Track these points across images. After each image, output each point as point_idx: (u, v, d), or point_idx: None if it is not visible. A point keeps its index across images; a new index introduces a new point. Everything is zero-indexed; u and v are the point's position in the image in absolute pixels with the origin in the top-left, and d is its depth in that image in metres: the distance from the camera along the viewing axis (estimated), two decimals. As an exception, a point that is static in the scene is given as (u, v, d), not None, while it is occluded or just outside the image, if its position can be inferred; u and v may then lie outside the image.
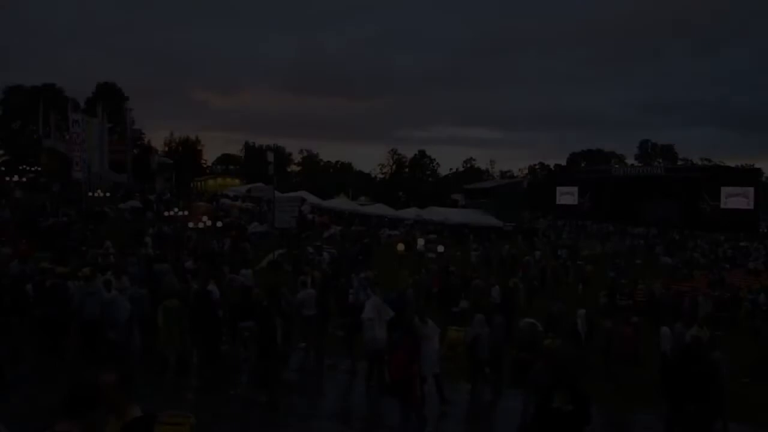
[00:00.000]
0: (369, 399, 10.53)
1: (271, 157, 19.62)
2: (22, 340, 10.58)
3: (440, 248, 26.89)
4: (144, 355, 10.95)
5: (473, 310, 15.26)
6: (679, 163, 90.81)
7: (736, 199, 59.30)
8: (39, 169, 55.24)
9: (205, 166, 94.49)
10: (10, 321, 9.79)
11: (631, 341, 12.53)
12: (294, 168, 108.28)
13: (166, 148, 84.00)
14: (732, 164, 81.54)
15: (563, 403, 5.68)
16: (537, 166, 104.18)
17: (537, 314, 14.49)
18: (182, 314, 10.79)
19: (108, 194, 38.01)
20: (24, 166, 59.74)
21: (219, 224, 32.42)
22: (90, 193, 32.80)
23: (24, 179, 44.20)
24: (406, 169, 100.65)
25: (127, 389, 3.44)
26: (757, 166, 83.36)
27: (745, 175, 65.63)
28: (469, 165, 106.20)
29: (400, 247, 29.35)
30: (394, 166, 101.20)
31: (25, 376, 9.58)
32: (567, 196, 74.48)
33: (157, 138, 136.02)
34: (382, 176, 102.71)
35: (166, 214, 33.65)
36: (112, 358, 10.15)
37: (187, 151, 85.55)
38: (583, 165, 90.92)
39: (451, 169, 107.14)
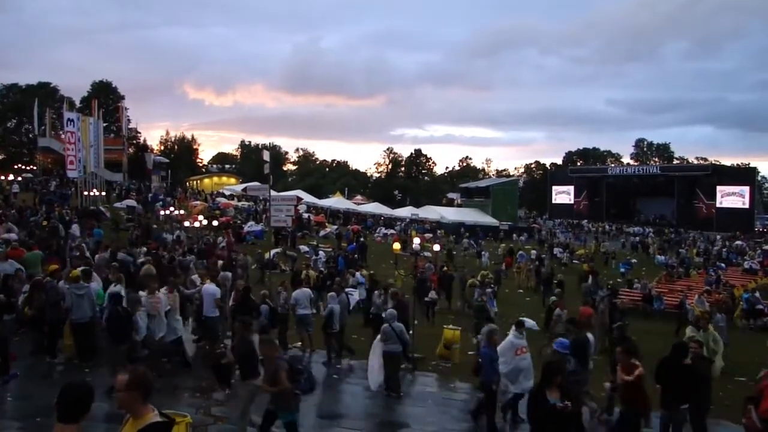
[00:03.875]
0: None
1: (266, 155, 19.49)
2: (13, 338, 10.50)
3: (436, 247, 26.80)
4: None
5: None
6: (675, 162, 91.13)
7: (731, 198, 59.49)
8: (34, 168, 55.05)
9: (201, 164, 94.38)
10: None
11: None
12: (290, 167, 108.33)
13: (162, 147, 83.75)
14: (728, 163, 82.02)
15: (556, 398, 5.75)
16: (533, 165, 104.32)
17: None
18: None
19: (103, 193, 37.86)
20: (19, 165, 59.55)
21: (215, 223, 32.38)
22: (85, 192, 32.64)
23: (19, 178, 44.00)
24: (402, 168, 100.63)
25: (141, 391, 3.30)
26: (752, 165, 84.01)
27: (741, 174, 65.78)
28: (465, 164, 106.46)
29: (396, 246, 29.29)
30: (390, 165, 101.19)
31: (18, 375, 9.50)
32: (563, 195, 74.61)
33: (153, 137, 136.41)
34: (378, 175, 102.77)
35: (162, 213, 33.54)
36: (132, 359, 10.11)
37: (182, 150, 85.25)
38: (579, 164, 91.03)
39: (447, 167, 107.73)
